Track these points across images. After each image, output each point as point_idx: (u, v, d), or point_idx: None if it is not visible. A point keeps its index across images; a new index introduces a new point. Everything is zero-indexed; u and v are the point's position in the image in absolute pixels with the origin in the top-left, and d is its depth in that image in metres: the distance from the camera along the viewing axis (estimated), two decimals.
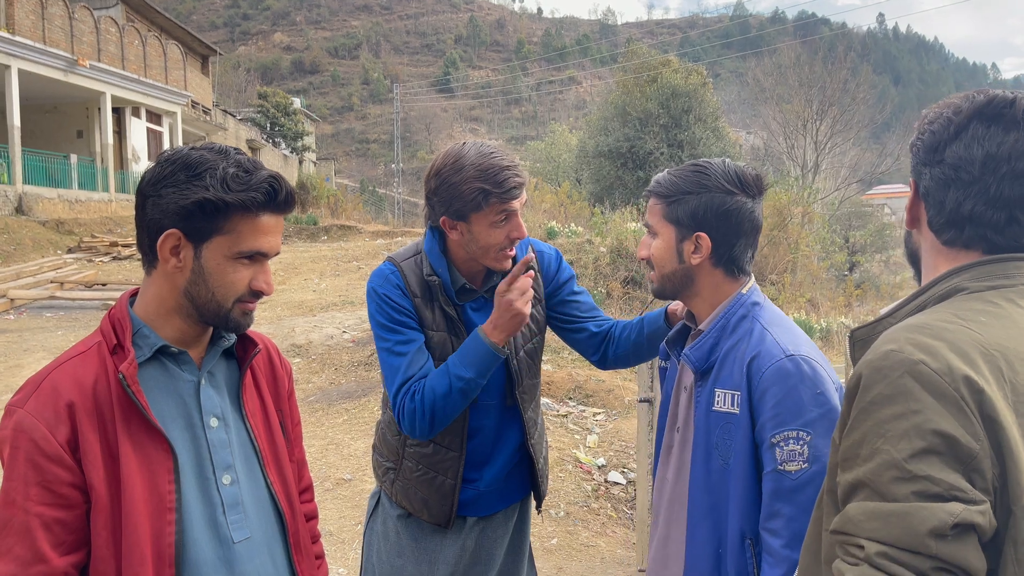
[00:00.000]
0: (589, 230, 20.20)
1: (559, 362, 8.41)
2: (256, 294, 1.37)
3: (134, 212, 1.34)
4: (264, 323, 10.39)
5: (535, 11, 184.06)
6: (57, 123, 24.01)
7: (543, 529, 4.48)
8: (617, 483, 5.18)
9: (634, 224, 16.65)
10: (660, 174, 1.70)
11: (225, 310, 1.35)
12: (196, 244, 1.31)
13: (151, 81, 25.24)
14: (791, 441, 1.45)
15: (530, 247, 2.15)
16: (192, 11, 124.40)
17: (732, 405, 1.54)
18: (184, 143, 29.78)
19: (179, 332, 1.36)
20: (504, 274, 2.04)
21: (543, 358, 2.30)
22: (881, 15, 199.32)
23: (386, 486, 2.16)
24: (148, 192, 1.31)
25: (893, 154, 37.78)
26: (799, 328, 1.64)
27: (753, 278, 1.70)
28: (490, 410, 2.08)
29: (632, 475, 5.22)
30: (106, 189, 22.93)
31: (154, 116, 26.53)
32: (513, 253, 2.00)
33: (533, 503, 2.30)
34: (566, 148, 36.94)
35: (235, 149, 1.36)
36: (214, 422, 1.36)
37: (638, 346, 2.13)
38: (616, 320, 2.23)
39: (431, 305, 2.02)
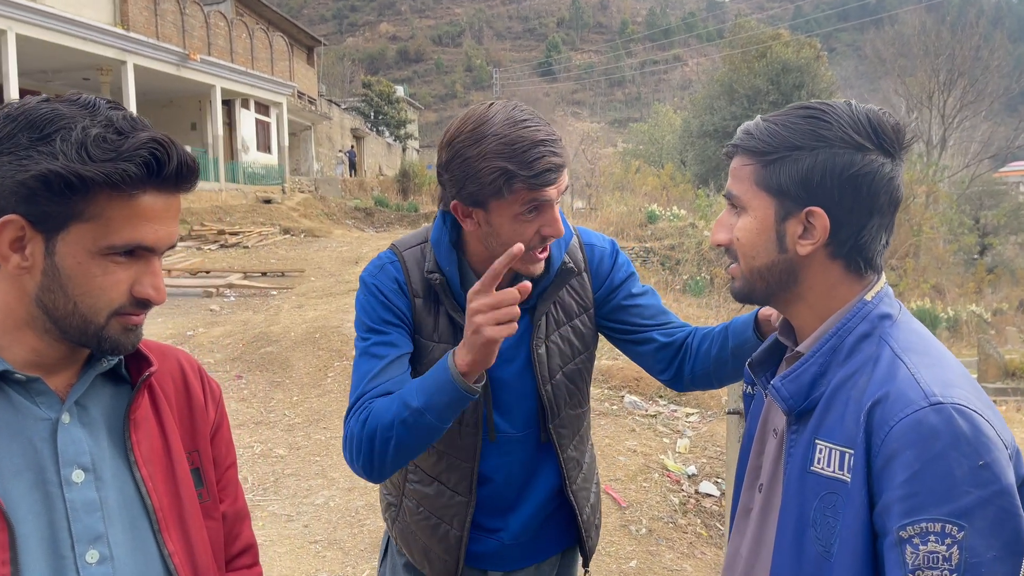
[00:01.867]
0: (692, 213, 19.40)
1: None
2: (141, 303, 0.98)
3: None
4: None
5: None
6: (173, 116, 24.98)
7: (621, 549, 4.01)
8: (710, 495, 4.64)
9: None
10: (751, 122, 1.16)
11: (95, 327, 0.96)
12: (47, 235, 0.92)
13: (258, 73, 25.92)
14: (931, 538, 0.93)
15: (576, 237, 1.68)
16: (303, 5, 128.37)
17: (841, 468, 1.03)
18: (290, 133, 30.62)
19: (33, 352, 0.98)
20: (536, 280, 1.56)
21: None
22: None
23: (388, 525, 1.76)
24: None
25: None
26: (951, 355, 1.08)
27: (884, 278, 1.15)
28: (515, 445, 1.62)
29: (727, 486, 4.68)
30: (216, 179, 23.68)
31: (262, 107, 27.28)
32: (546, 255, 1.51)
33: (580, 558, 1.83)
34: (670, 129, 35.98)
35: (109, 102, 0.97)
36: (78, 476, 0.98)
37: (721, 363, 1.59)
38: (694, 327, 1.69)
39: (434, 309, 1.57)
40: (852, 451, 1.01)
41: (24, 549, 0.93)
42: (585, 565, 1.81)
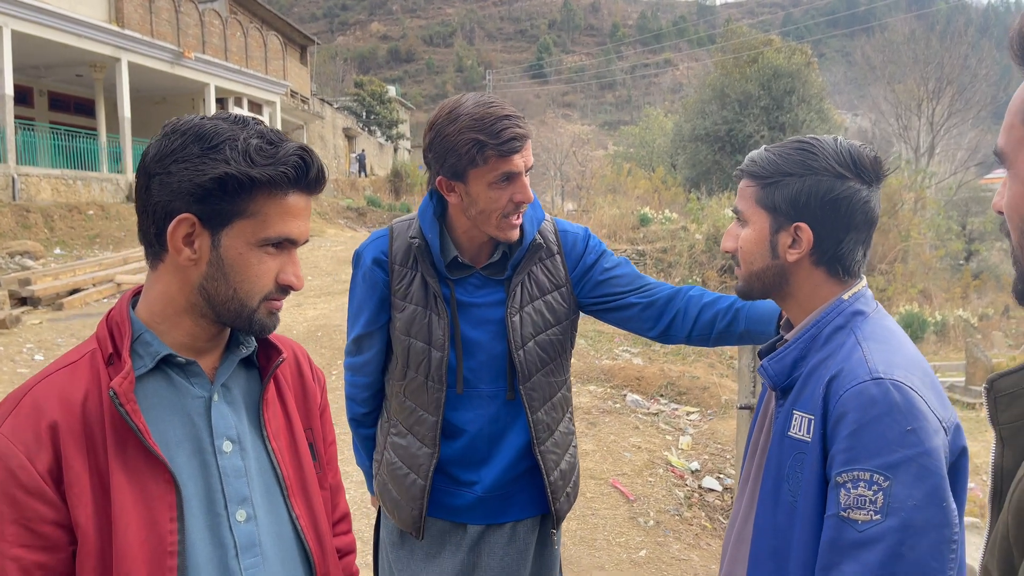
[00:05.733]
0: (684, 216, 19.59)
1: (650, 356, 8.03)
2: (284, 289, 1.16)
3: (135, 194, 1.12)
4: None
5: None
6: (166, 114, 24.91)
7: (631, 539, 4.18)
8: (712, 490, 4.82)
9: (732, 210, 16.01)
10: (756, 151, 1.42)
11: (249, 310, 1.13)
12: (214, 231, 1.09)
13: (252, 72, 25.95)
14: (861, 484, 1.15)
15: (552, 224, 1.92)
16: (293, 3, 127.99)
17: (806, 432, 1.27)
18: (283, 131, 30.95)
19: (189, 337, 1.15)
20: (511, 248, 1.81)
21: (633, 350, 2.02)
22: None
23: (376, 484, 1.98)
24: (154, 170, 1.09)
25: None
26: (911, 347, 1.31)
27: (864, 283, 1.40)
28: (484, 400, 1.83)
29: (729, 481, 4.86)
30: None
31: (255, 106, 27.29)
32: (519, 222, 1.75)
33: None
34: (661, 132, 36.16)
35: (254, 119, 1.13)
36: (228, 446, 1.14)
37: (724, 336, 1.83)
38: (676, 286, 1.90)
39: (411, 274, 1.82)
40: (814, 417, 1.25)
41: (188, 508, 1.08)
42: (554, 527, 1.98)
